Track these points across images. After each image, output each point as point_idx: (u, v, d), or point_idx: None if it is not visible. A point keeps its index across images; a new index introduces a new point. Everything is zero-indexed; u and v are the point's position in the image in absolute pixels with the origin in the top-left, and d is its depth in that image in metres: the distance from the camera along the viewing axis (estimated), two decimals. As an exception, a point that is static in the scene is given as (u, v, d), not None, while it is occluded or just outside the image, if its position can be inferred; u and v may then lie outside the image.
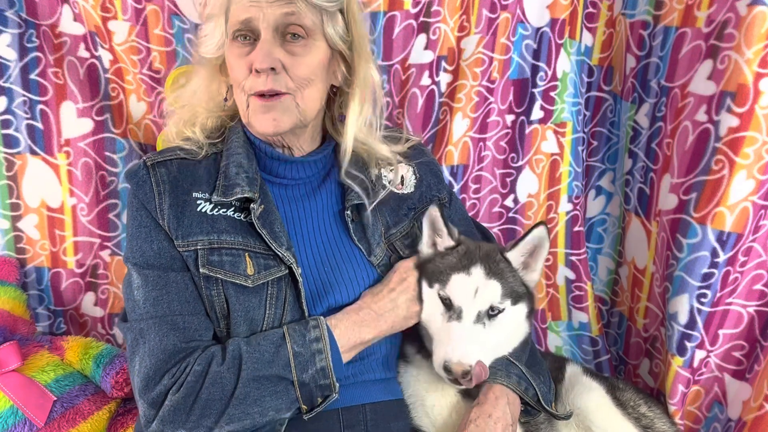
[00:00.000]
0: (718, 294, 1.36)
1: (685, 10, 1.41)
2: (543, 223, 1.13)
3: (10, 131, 1.51)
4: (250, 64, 1.08)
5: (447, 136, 1.65)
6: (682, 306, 1.39)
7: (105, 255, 1.61)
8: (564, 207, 1.75)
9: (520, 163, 1.72)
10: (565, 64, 1.66)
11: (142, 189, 1.11)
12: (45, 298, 1.61)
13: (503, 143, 1.71)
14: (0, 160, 1.52)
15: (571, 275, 1.79)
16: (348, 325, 1.08)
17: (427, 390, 1.18)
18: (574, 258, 1.78)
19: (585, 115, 1.73)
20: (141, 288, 1.06)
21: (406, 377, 1.20)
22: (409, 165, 1.31)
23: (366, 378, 1.14)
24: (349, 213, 1.19)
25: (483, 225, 1.56)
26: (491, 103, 1.66)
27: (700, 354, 1.41)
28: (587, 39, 1.68)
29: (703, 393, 1.47)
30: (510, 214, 1.76)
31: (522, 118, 1.69)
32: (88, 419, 1.35)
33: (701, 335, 1.39)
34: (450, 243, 1.18)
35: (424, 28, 1.59)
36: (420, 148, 1.37)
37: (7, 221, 1.55)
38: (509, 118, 1.69)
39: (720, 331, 1.40)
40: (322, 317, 1.08)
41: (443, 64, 1.62)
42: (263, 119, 1.10)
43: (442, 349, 1.09)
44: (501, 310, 1.11)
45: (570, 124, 1.70)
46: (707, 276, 1.35)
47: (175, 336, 1.03)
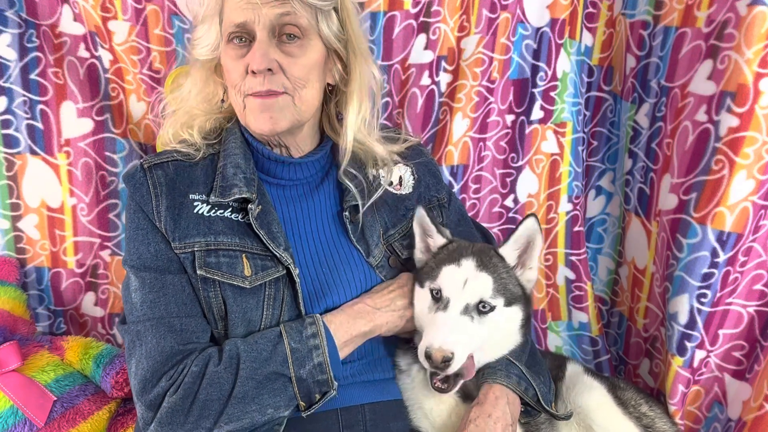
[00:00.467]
0: (718, 294, 1.36)
1: (685, 10, 1.41)
2: (533, 215, 1.11)
3: (10, 131, 1.51)
4: (246, 65, 1.07)
5: (447, 136, 1.65)
6: (682, 306, 1.39)
7: (105, 255, 1.61)
8: (564, 207, 1.75)
9: (520, 163, 1.72)
10: (565, 64, 1.66)
11: (139, 192, 1.11)
12: (45, 298, 1.61)
13: (503, 143, 1.71)
14: (0, 160, 1.52)
15: (571, 275, 1.79)
16: (343, 319, 1.09)
17: (425, 396, 1.17)
18: (574, 258, 1.78)
19: (585, 115, 1.73)
20: (138, 290, 1.07)
21: (402, 384, 1.19)
22: (408, 165, 1.31)
23: (365, 378, 1.14)
24: (347, 214, 1.19)
25: (483, 225, 1.56)
26: (491, 103, 1.66)
27: (700, 354, 1.41)
28: (587, 39, 1.68)
29: (703, 393, 1.47)
30: (510, 214, 1.76)
31: (522, 118, 1.69)
32: (88, 419, 1.35)
33: (701, 335, 1.39)
34: (441, 240, 1.17)
35: (424, 28, 1.59)
36: (418, 148, 1.37)
37: (7, 221, 1.55)
38: (509, 118, 1.69)
39: (720, 331, 1.40)
40: (318, 315, 1.08)
41: (443, 64, 1.62)
42: (260, 118, 1.10)
43: (425, 337, 1.08)
44: (492, 307, 1.09)
45: (570, 124, 1.70)
46: (707, 276, 1.35)
47: (173, 338, 1.03)
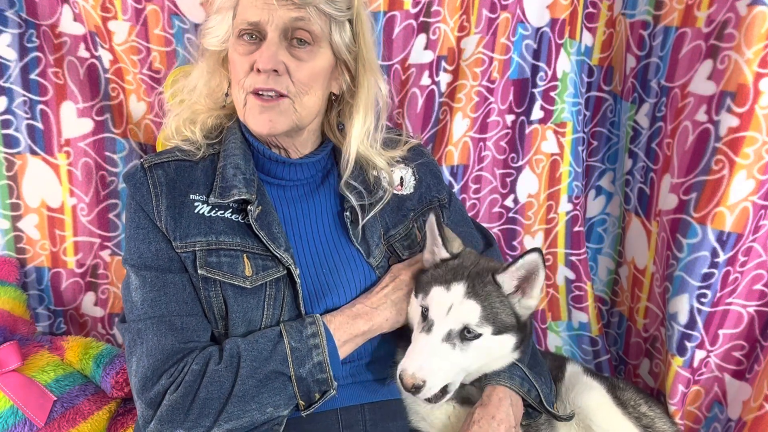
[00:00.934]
0: (718, 294, 1.36)
1: (685, 10, 1.41)
2: (538, 250, 1.06)
3: (10, 131, 1.51)
4: (252, 62, 1.08)
5: (447, 136, 1.65)
6: (682, 306, 1.39)
7: (105, 255, 1.61)
8: (564, 207, 1.75)
9: (520, 163, 1.72)
10: (565, 64, 1.66)
11: (139, 191, 1.11)
12: (45, 298, 1.61)
13: (503, 143, 1.71)
14: (0, 160, 1.52)
15: (571, 275, 1.79)
16: (342, 319, 1.09)
17: (421, 399, 1.17)
18: (574, 258, 1.78)
19: (585, 115, 1.73)
20: (139, 289, 1.07)
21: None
22: (409, 166, 1.31)
23: (364, 378, 1.14)
24: (348, 214, 1.19)
25: (483, 225, 1.56)
26: (491, 103, 1.66)
27: (700, 354, 1.41)
28: (587, 39, 1.68)
29: (703, 393, 1.47)
30: (510, 214, 1.76)
31: (522, 118, 1.69)
32: (88, 419, 1.35)
33: (701, 335, 1.39)
34: (444, 254, 1.13)
35: (424, 28, 1.59)
36: (419, 149, 1.37)
37: (7, 221, 1.55)
38: (509, 118, 1.69)
39: (720, 331, 1.40)
40: (317, 315, 1.08)
41: (443, 64, 1.62)
42: (259, 119, 1.10)
43: (404, 358, 1.06)
44: (477, 335, 1.05)
45: (570, 124, 1.70)
46: (707, 276, 1.35)
47: (173, 336, 1.03)
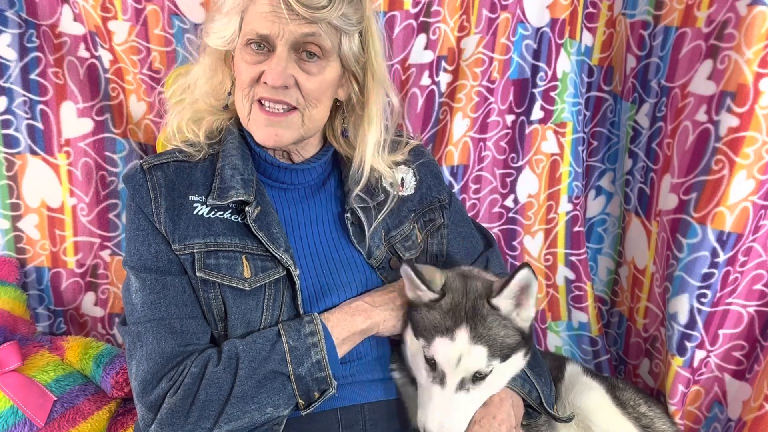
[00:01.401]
0: (718, 294, 1.36)
1: (685, 10, 1.41)
2: (527, 265, 1.04)
3: (10, 131, 1.51)
4: (260, 72, 1.07)
5: (447, 136, 1.65)
6: (682, 306, 1.38)
7: (105, 255, 1.61)
8: (564, 207, 1.75)
9: (520, 163, 1.72)
10: (565, 64, 1.66)
11: (138, 193, 1.11)
12: (45, 298, 1.61)
13: (503, 143, 1.71)
14: (0, 160, 1.52)
15: (571, 275, 1.79)
16: (341, 317, 1.08)
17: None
18: (574, 258, 1.78)
19: (585, 115, 1.73)
20: (139, 291, 1.06)
21: (399, 389, 1.18)
22: (409, 167, 1.31)
23: (364, 378, 1.14)
24: (349, 216, 1.19)
25: (483, 226, 1.56)
26: (491, 103, 1.66)
27: (700, 354, 1.41)
28: (587, 39, 1.68)
29: (703, 393, 1.47)
30: (510, 214, 1.76)
31: (522, 118, 1.69)
32: (88, 419, 1.35)
33: (701, 335, 1.39)
34: (432, 295, 1.08)
35: (424, 28, 1.59)
36: (420, 149, 1.37)
37: (7, 221, 1.55)
38: (509, 118, 1.69)
39: (720, 331, 1.40)
40: (316, 314, 1.08)
41: (443, 64, 1.62)
42: (265, 132, 1.10)
43: (422, 412, 1.06)
44: (488, 373, 1.06)
45: (570, 124, 1.70)
46: (707, 276, 1.35)
47: (173, 339, 1.03)
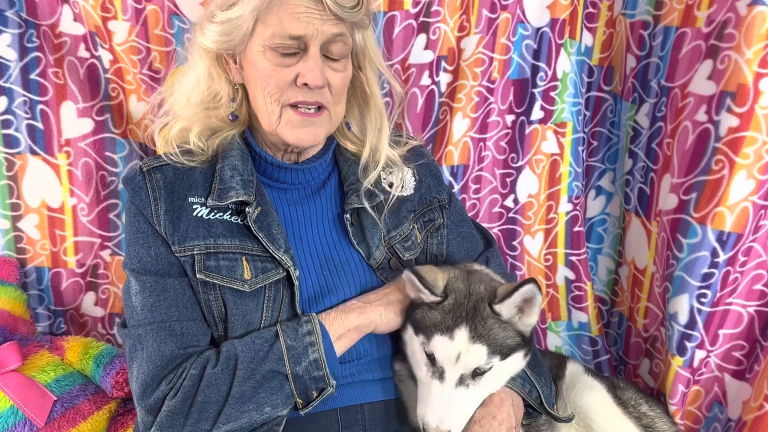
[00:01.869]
0: (718, 294, 1.36)
1: (685, 10, 1.41)
2: (533, 281, 1.05)
3: (10, 131, 1.51)
4: (295, 75, 1.07)
5: (447, 136, 1.65)
6: (682, 306, 1.38)
7: (105, 255, 1.61)
8: (564, 207, 1.75)
9: (520, 164, 1.72)
10: (566, 64, 1.66)
11: (138, 195, 1.11)
12: (45, 298, 1.61)
13: (503, 143, 1.71)
14: (0, 160, 1.52)
15: (571, 275, 1.79)
16: (336, 314, 1.09)
17: None
18: (574, 258, 1.78)
19: (585, 115, 1.73)
20: (139, 294, 1.07)
21: (400, 388, 1.19)
22: (409, 167, 1.31)
23: (364, 378, 1.14)
24: (349, 216, 1.19)
25: (483, 226, 1.56)
26: (491, 103, 1.66)
27: (700, 354, 1.41)
28: (587, 39, 1.68)
29: (703, 393, 1.47)
30: (510, 214, 1.76)
31: (522, 118, 1.69)
32: (88, 419, 1.35)
33: (701, 335, 1.39)
34: (434, 298, 1.09)
35: (424, 28, 1.59)
36: (419, 149, 1.37)
37: (8, 221, 1.55)
38: (509, 118, 1.69)
39: (720, 331, 1.40)
40: (313, 314, 1.08)
41: (443, 64, 1.62)
42: (302, 132, 1.10)
43: (422, 407, 1.06)
44: (488, 369, 1.07)
45: (570, 124, 1.70)
46: (707, 276, 1.35)
47: (173, 342, 1.03)
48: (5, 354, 1.31)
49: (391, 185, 1.25)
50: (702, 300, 1.37)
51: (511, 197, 1.75)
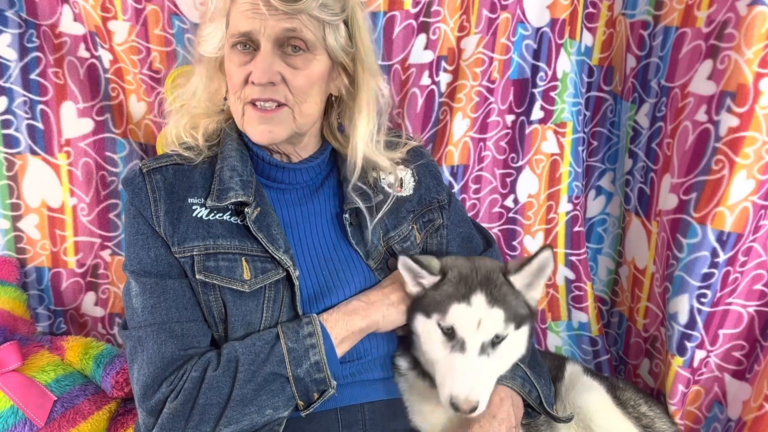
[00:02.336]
0: (718, 294, 1.36)
1: (685, 10, 1.41)
2: (549, 247, 1.08)
3: (10, 131, 1.51)
4: (247, 73, 1.07)
5: (447, 136, 1.65)
6: (682, 306, 1.39)
7: (105, 255, 1.61)
8: (564, 207, 1.75)
9: (520, 164, 1.72)
10: (566, 64, 1.66)
11: (138, 196, 1.11)
12: (45, 298, 1.61)
13: (503, 143, 1.71)
14: (0, 160, 1.52)
15: (571, 275, 1.79)
16: (339, 317, 1.09)
17: (423, 399, 1.17)
18: (574, 258, 1.78)
19: (585, 115, 1.73)
20: (139, 296, 1.07)
21: (400, 386, 1.19)
22: (408, 168, 1.31)
23: (364, 378, 1.14)
24: (347, 216, 1.19)
25: (483, 226, 1.56)
26: (491, 103, 1.66)
27: (700, 354, 1.41)
28: (587, 39, 1.68)
29: (703, 393, 1.47)
30: (510, 214, 1.76)
31: (522, 118, 1.69)
32: (88, 419, 1.35)
33: (701, 335, 1.39)
34: (435, 279, 1.10)
35: (424, 28, 1.59)
36: (419, 150, 1.37)
37: (8, 221, 1.55)
38: (509, 118, 1.69)
39: (720, 331, 1.40)
40: (314, 315, 1.08)
41: (443, 64, 1.62)
42: (258, 130, 1.10)
43: (447, 384, 1.04)
44: (505, 336, 1.08)
45: (570, 124, 1.70)
46: (707, 276, 1.35)
47: (173, 343, 1.03)
48: (5, 354, 1.31)
49: (390, 185, 1.25)
50: (702, 300, 1.37)
51: (511, 197, 1.75)
